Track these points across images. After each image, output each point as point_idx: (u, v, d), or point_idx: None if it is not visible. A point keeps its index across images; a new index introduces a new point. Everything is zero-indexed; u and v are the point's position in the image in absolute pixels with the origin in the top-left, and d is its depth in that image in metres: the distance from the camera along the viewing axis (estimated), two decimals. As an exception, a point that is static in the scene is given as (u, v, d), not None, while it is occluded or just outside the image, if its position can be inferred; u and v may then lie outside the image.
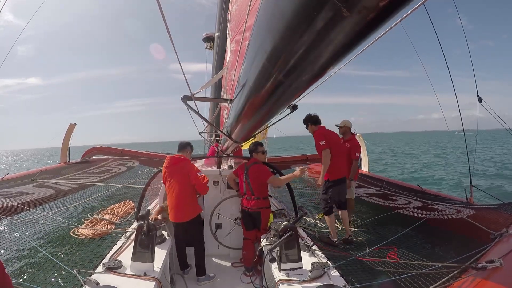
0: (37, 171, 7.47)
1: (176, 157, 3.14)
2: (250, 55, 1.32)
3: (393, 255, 2.98)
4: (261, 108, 1.54)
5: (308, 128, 3.68)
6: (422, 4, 0.88)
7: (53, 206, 4.77)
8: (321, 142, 3.39)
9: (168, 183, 3.09)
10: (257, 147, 3.31)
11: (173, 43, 1.34)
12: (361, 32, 0.76)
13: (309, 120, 3.64)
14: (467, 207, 4.16)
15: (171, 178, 3.07)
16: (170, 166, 3.09)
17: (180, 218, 3.01)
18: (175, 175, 3.06)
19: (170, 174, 3.08)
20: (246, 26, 1.80)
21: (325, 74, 1.06)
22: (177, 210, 3.00)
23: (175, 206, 3.00)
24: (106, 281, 1.93)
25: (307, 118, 3.67)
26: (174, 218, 3.02)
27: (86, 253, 3.05)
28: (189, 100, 2.25)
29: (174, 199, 3.01)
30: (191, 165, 3.11)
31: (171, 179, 3.06)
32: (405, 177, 16.37)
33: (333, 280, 2.04)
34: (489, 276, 1.83)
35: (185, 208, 3.01)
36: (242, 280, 3.10)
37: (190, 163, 3.15)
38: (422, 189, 5.67)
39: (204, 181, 2.98)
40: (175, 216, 3.02)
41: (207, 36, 9.10)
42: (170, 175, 3.08)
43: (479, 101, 4.26)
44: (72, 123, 9.09)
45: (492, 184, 13.30)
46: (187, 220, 3.01)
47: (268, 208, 3.14)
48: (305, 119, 3.68)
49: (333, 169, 3.43)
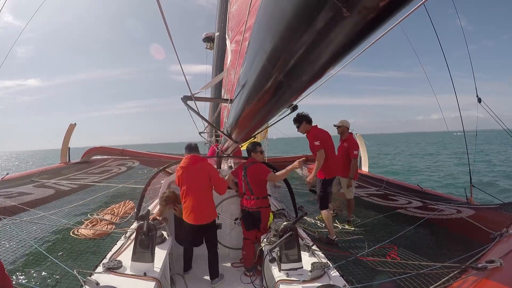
0: (37, 171, 7.47)
1: (196, 156, 3.03)
2: (250, 55, 1.32)
3: (394, 254, 2.98)
4: (261, 108, 1.55)
5: (301, 128, 3.62)
6: (422, 4, 0.88)
7: (53, 206, 4.78)
8: (316, 143, 3.42)
9: (185, 183, 2.93)
10: (255, 147, 3.31)
11: (173, 43, 1.34)
12: (361, 33, 0.76)
13: (304, 119, 3.57)
14: (467, 207, 4.16)
15: (190, 178, 2.92)
16: (189, 165, 2.95)
17: (200, 220, 2.88)
18: (195, 175, 2.92)
19: (189, 174, 2.93)
20: (246, 26, 1.81)
21: (325, 74, 1.06)
22: (198, 211, 2.88)
23: (196, 207, 2.87)
24: (106, 281, 1.93)
25: (301, 116, 3.58)
26: (194, 220, 2.86)
27: (86, 253, 3.05)
28: (189, 100, 2.25)
29: (194, 200, 2.88)
30: (211, 165, 3.04)
31: (190, 179, 2.92)
32: (405, 178, 16.42)
33: (333, 280, 2.04)
34: (489, 276, 1.83)
35: (206, 210, 2.92)
36: (242, 280, 3.10)
37: (210, 163, 3.07)
38: (422, 189, 5.68)
39: (224, 183, 3.01)
40: (195, 218, 2.86)
41: (207, 36, 9.10)
42: (189, 175, 2.92)
43: (478, 102, 4.26)
44: (72, 123, 9.10)
45: (492, 183, 13.34)
46: (207, 222, 2.91)
47: (268, 208, 3.15)
48: (299, 118, 3.58)
49: (328, 168, 3.50)
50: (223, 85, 5.03)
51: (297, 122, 3.62)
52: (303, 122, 3.60)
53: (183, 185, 2.96)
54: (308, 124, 3.61)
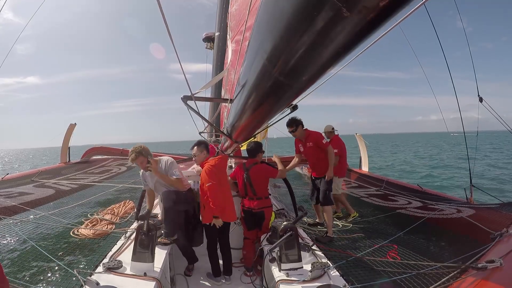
0: (37, 171, 7.47)
1: (219, 156, 3.13)
2: (250, 55, 1.32)
3: (394, 253, 2.98)
4: (261, 108, 1.54)
5: (297, 131, 3.65)
6: (423, 4, 0.88)
7: (53, 206, 4.78)
8: (323, 141, 3.63)
9: (215, 181, 2.87)
10: (260, 148, 3.33)
11: (173, 42, 1.34)
12: (361, 33, 0.76)
13: (300, 123, 3.65)
14: (467, 207, 4.16)
15: (216, 177, 2.90)
16: (216, 165, 2.97)
17: (231, 217, 2.99)
18: (220, 174, 2.99)
19: (217, 174, 2.92)
20: (246, 26, 1.81)
21: (325, 74, 1.06)
22: (229, 209, 2.96)
23: (226, 206, 2.93)
24: (106, 281, 1.93)
25: (297, 120, 3.62)
26: (228, 218, 2.95)
27: (86, 253, 3.05)
28: (189, 100, 2.25)
29: (224, 199, 2.91)
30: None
31: (218, 178, 2.91)
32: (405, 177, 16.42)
33: (333, 280, 2.04)
34: (489, 276, 1.83)
35: (233, 208, 3.02)
36: (242, 280, 3.10)
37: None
38: (422, 189, 5.67)
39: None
40: (229, 216, 2.95)
41: (207, 36, 9.10)
42: (216, 174, 2.92)
43: (480, 101, 4.26)
44: (72, 123, 9.10)
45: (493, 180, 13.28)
46: (235, 220, 3.02)
47: (270, 207, 3.17)
48: (295, 122, 3.61)
49: (324, 167, 3.67)
50: (223, 85, 5.04)
51: (294, 126, 3.62)
52: (299, 126, 3.65)
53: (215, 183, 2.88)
54: (302, 127, 3.68)
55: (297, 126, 3.63)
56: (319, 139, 3.63)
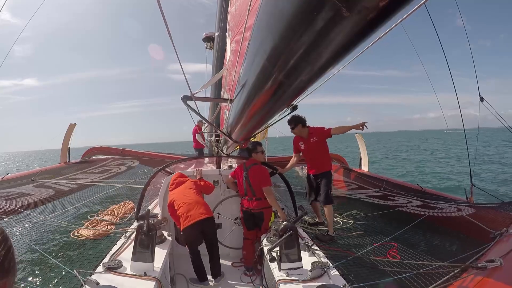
0: (37, 171, 7.46)
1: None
2: (250, 55, 1.32)
3: (394, 252, 2.98)
4: (261, 108, 1.55)
5: (296, 129, 3.67)
6: (423, 4, 0.88)
7: (53, 207, 4.77)
8: (325, 128, 3.73)
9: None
10: (256, 147, 3.29)
11: (173, 42, 1.34)
12: (361, 33, 0.76)
13: (300, 121, 3.65)
14: (467, 206, 4.16)
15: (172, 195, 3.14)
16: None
17: (204, 213, 2.85)
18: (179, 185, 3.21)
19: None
20: (246, 26, 1.80)
21: (325, 74, 1.06)
22: (197, 208, 2.89)
23: (191, 208, 2.90)
24: (106, 281, 1.93)
25: (297, 119, 3.62)
26: (199, 216, 2.82)
27: (86, 253, 3.05)
28: (189, 100, 2.25)
29: (186, 201, 2.97)
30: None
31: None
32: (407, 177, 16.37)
33: (333, 280, 2.04)
34: (489, 275, 1.83)
35: (202, 203, 2.98)
36: (242, 280, 3.10)
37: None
38: (423, 189, 5.67)
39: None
40: (200, 213, 2.84)
41: (207, 36, 9.09)
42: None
43: (480, 101, 4.25)
44: (72, 123, 9.09)
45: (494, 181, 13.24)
46: (211, 215, 2.91)
47: (270, 208, 3.15)
48: (294, 120, 3.61)
49: (329, 161, 3.85)
50: (223, 85, 5.03)
51: (293, 124, 3.64)
52: (298, 124, 3.65)
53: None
54: (302, 127, 3.68)
55: (295, 124, 3.64)
56: (323, 129, 3.68)
